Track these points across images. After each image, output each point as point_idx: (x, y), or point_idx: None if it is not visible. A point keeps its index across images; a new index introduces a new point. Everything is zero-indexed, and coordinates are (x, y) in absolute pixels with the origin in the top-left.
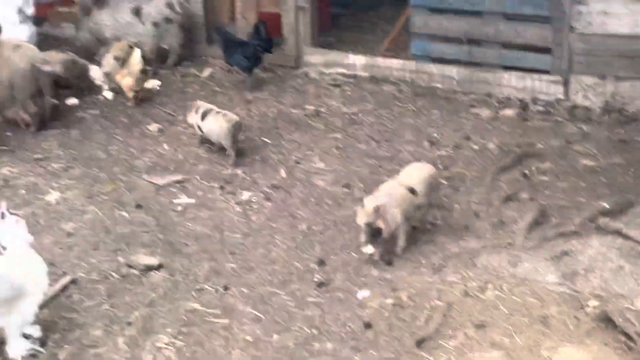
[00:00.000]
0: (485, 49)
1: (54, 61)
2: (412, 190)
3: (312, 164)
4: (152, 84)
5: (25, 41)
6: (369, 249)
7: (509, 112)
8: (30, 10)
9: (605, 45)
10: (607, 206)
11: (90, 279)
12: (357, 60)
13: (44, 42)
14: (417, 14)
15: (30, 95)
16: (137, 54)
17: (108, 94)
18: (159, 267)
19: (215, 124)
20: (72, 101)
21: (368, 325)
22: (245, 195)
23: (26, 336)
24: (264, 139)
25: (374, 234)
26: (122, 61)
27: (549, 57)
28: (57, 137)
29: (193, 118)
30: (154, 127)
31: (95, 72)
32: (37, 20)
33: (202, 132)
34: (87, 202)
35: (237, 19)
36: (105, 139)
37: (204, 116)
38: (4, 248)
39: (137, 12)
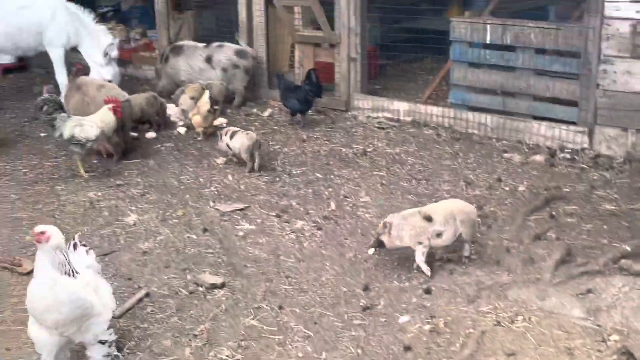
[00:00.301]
0: (518, 100)
1: (138, 99)
2: (428, 218)
3: (359, 198)
4: (220, 121)
5: (109, 80)
6: (371, 251)
7: (538, 158)
8: (114, 53)
9: (627, 101)
10: (629, 249)
11: (162, 294)
12: (400, 106)
13: (126, 82)
14: (457, 67)
15: (114, 129)
16: (206, 95)
17: (182, 130)
18: (222, 286)
19: (239, 141)
20: (151, 135)
21: (408, 348)
22: (299, 224)
23: (102, 342)
24: (317, 174)
25: (380, 244)
26: (196, 101)
27: (575, 110)
28: (136, 166)
29: (223, 142)
30: (220, 160)
31: (172, 110)
32: (121, 62)
33: (230, 149)
34: (161, 225)
35: (296, 67)
36: (178, 169)
37: (232, 136)
38: (77, 273)
39: (209, 59)
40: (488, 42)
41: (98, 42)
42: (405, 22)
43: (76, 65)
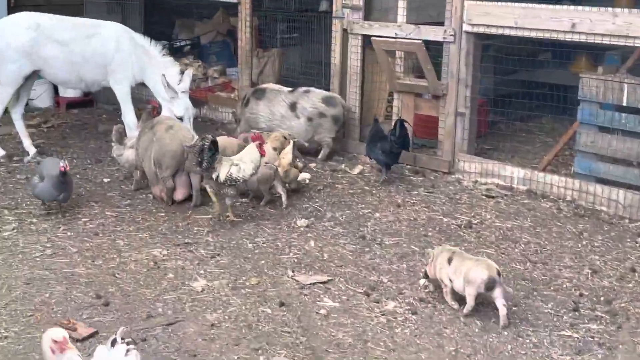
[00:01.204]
0: None
1: (226, 143)
2: (449, 260)
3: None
4: (303, 176)
5: (179, 117)
6: (422, 282)
7: None
8: (182, 87)
9: None
10: None
11: None
12: (514, 172)
13: (200, 124)
14: (585, 131)
15: (172, 173)
16: (289, 147)
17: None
18: None
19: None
20: None
21: None
22: (390, 305)
23: None
24: (413, 247)
25: (427, 275)
26: (279, 152)
27: None
28: (207, 222)
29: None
30: (301, 221)
31: None
32: (196, 102)
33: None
34: (232, 294)
35: (393, 119)
36: (254, 230)
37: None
38: None
39: (293, 106)
40: (624, 104)
41: (166, 75)
42: (522, 73)
43: (151, 102)
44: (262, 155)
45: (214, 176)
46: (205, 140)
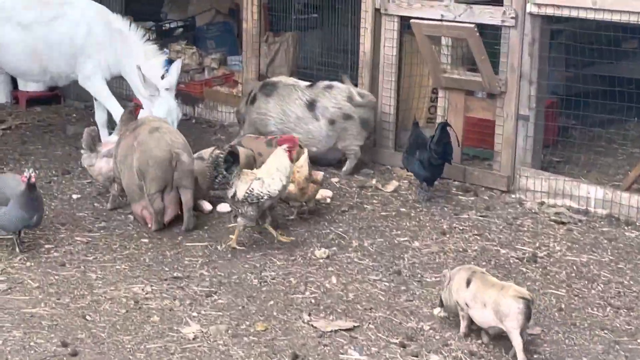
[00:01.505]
0: None
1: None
2: (467, 282)
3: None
4: (322, 194)
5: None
6: (436, 311)
7: None
8: (165, 83)
9: None
10: None
11: None
12: (591, 192)
13: (192, 126)
14: None
15: (161, 189)
16: (304, 157)
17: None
18: None
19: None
20: (223, 208)
21: None
22: (433, 359)
23: None
24: None
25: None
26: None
27: None
28: (201, 251)
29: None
30: (321, 252)
31: None
32: (190, 98)
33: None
34: (232, 343)
35: (437, 122)
36: (260, 261)
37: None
38: None
39: (311, 105)
40: None
41: (145, 67)
42: (602, 67)
43: (134, 99)
44: (291, 161)
45: (229, 194)
46: (221, 150)
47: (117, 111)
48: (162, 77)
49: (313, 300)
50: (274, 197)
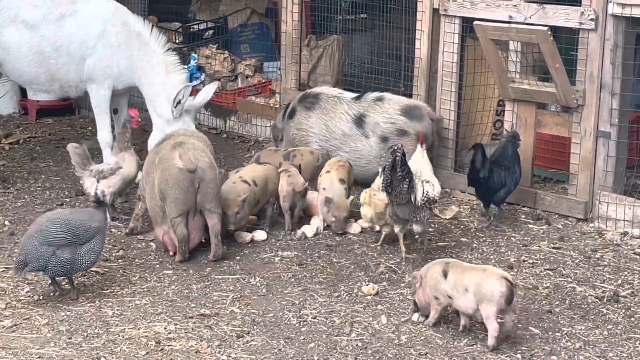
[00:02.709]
0: None
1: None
2: (444, 274)
3: None
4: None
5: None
6: (415, 317)
7: None
8: (195, 102)
9: None
10: None
11: None
12: None
13: (222, 141)
14: None
15: (184, 212)
16: (377, 181)
17: (309, 230)
18: None
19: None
20: (260, 236)
21: None
22: None
23: None
24: (531, 328)
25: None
26: (349, 185)
27: None
28: (232, 285)
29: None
30: (369, 287)
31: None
32: (220, 110)
33: None
34: None
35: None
36: (299, 297)
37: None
38: None
39: (359, 121)
40: None
41: (165, 82)
42: None
43: (130, 111)
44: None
45: (405, 199)
46: (396, 148)
47: (104, 133)
48: (181, 94)
49: (360, 344)
50: (437, 201)
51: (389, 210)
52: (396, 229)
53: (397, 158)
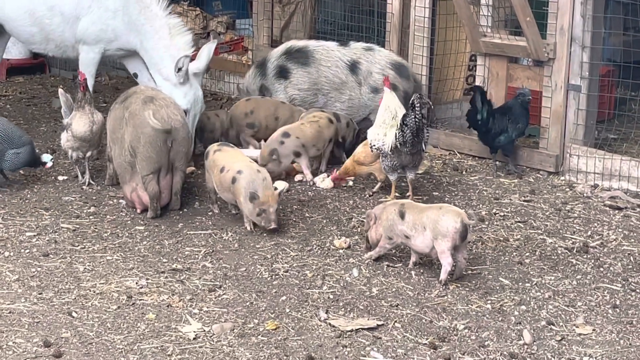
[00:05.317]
0: None
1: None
2: (401, 215)
3: (574, 328)
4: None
5: (184, 110)
6: (367, 255)
7: None
8: (195, 66)
9: None
10: None
11: None
12: None
13: None
14: None
15: (155, 170)
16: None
17: (280, 185)
18: None
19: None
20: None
21: None
22: None
23: None
24: (502, 280)
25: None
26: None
27: None
28: (204, 240)
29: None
30: (340, 241)
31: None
32: None
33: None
34: (238, 343)
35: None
36: (272, 251)
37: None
38: None
39: (353, 68)
40: None
41: (169, 46)
42: None
43: (80, 74)
44: None
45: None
46: (419, 95)
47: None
48: (182, 62)
49: (331, 296)
50: None
51: (385, 162)
52: (391, 178)
53: (422, 101)
